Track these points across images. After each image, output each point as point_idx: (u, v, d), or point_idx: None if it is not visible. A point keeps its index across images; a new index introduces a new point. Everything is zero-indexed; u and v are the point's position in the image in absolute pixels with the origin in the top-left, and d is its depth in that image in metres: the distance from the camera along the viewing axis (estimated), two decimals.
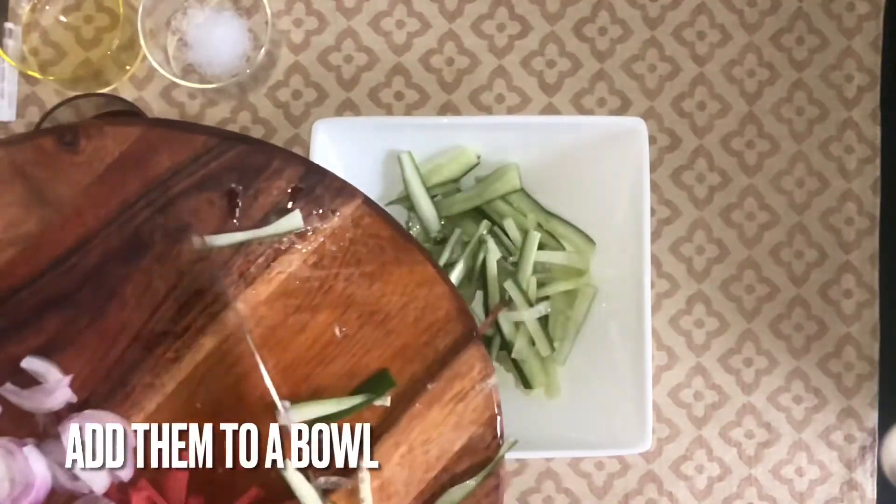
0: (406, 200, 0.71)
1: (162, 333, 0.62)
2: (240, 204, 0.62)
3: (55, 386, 0.60)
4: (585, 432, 0.69)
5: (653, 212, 0.75)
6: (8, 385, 0.60)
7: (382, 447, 0.62)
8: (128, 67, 0.75)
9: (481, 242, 0.70)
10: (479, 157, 0.71)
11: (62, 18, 0.76)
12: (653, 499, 0.75)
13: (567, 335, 0.72)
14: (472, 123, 0.71)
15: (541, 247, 0.71)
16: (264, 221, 0.62)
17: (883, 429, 0.76)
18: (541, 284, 0.71)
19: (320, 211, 0.62)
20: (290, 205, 0.62)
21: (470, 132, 0.70)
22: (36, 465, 0.59)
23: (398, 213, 0.72)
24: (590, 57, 0.77)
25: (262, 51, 0.71)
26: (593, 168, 0.70)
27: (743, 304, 0.76)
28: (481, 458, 0.63)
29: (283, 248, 0.62)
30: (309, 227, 0.62)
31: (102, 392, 0.61)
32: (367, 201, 0.62)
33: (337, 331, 0.63)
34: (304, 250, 0.62)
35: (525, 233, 0.71)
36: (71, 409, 0.61)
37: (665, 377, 0.76)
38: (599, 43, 0.77)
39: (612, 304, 0.70)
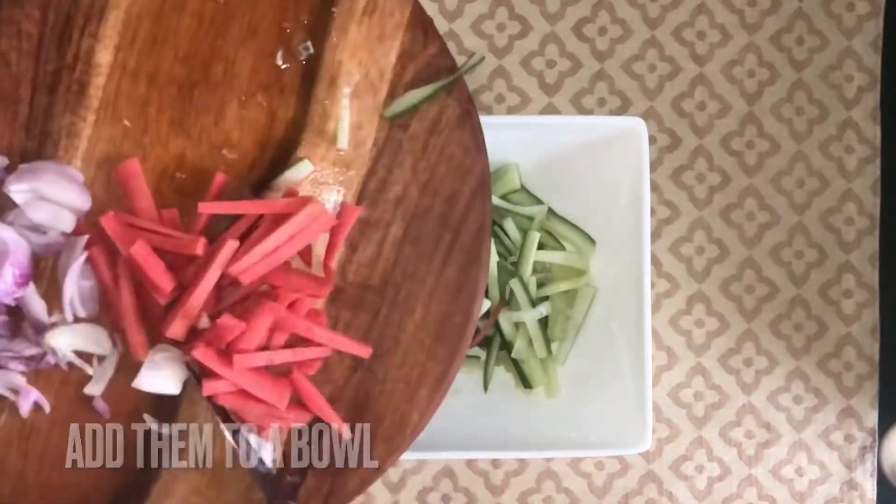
0: None
1: (56, 72, 0.62)
2: None
3: None
4: (585, 432, 0.69)
5: (653, 212, 0.75)
6: None
7: (320, 89, 0.62)
8: None
9: None
10: None
11: None
12: (653, 499, 0.75)
13: (567, 335, 0.72)
14: None
15: (541, 246, 0.71)
16: None
17: (883, 429, 0.76)
18: (541, 284, 0.71)
19: None
20: None
21: None
22: (4, 233, 0.59)
23: None
24: (590, 57, 0.77)
25: None
26: (593, 168, 0.70)
27: (743, 304, 0.76)
28: (425, 61, 0.63)
29: None
30: None
31: (32, 149, 0.62)
32: None
33: None
34: None
35: (525, 232, 0.71)
36: (10, 173, 0.61)
37: (665, 377, 0.76)
38: (599, 43, 0.77)
39: (612, 304, 0.70)
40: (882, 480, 0.75)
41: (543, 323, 0.71)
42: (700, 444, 0.76)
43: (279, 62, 0.63)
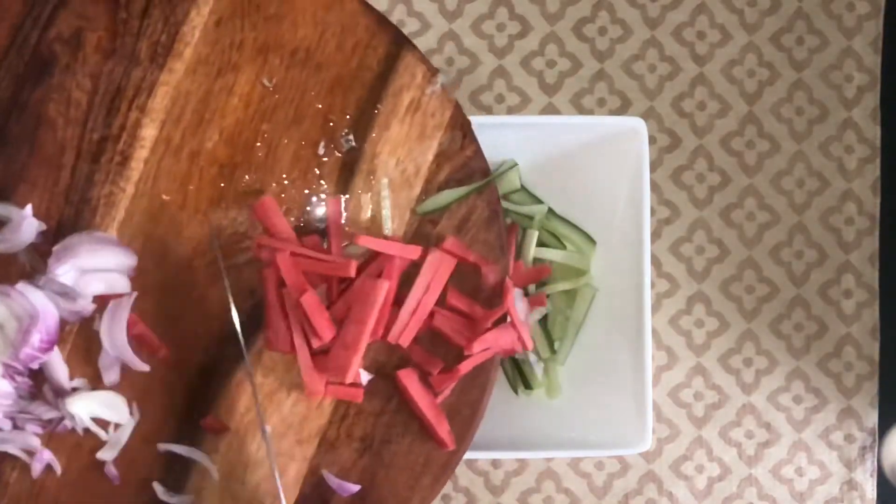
0: None
1: (101, 141, 0.62)
2: None
3: (20, 220, 0.61)
4: (585, 432, 0.69)
5: (653, 212, 0.75)
6: None
7: (357, 181, 0.63)
8: None
9: None
10: None
11: None
12: (653, 499, 0.75)
13: (567, 335, 0.72)
14: (473, 123, 0.71)
15: (542, 245, 0.71)
16: (150, 5, 0.63)
17: (883, 429, 0.76)
18: (541, 284, 0.71)
19: None
20: None
21: None
22: (34, 298, 0.59)
23: None
24: (590, 57, 0.77)
25: None
26: (593, 168, 0.70)
27: (743, 304, 0.76)
28: (461, 161, 0.64)
29: (179, 19, 0.63)
30: None
31: (69, 216, 0.62)
32: None
33: (265, 82, 0.63)
34: (200, 15, 0.63)
35: (524, 231, 0.71)
36: (46, 239, 0.61)
37: (665, 377, 0.76)
38: (599, 43, 0.77)
39: (612, 304, 0.70)
40: (882, 480, 0.75)
41: (543, 322, 0.71)
42: (700, 444, 0.76)
43: (321, 151, 0.63)
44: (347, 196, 0.63)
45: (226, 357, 0.62)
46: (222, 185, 0.63)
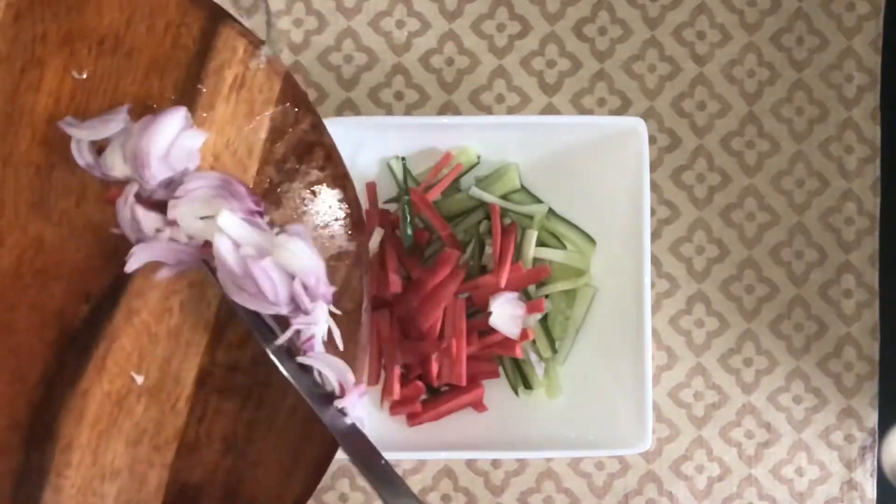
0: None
1: None
2: None
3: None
4: (585, 432, 0.69)
5: (653, 212, 0.75)
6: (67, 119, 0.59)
7: None
8: None
9: (481, 243, 0.70)
10: (479, 157, 0.71)
11: None
12: (653, 499, 0.75)
13: (567, 335, 0.72)
14: (472, 123, 0.71)
15: (541, 245, 0.71)
16: None
17: (883, 429, 0.76)
18: (541, 284, 0.71)
19: None
20: None
21: (470, 132, 0.70)
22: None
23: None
24: (590, 57, 0.77)
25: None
26: (593, 168, 0.70)
27: (743, 304, 0.76)
28: (297, 137, 0.61)
29: None
30: None
31: None
32: None
33: (76, 74, 0.60)
34: None
35: (524, 231, 0.71)
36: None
37: (665, 377, 0.76)
38: (599, 43, 0.77)
39: (612, 304, 0.70)
40: (882, 480, 0.75)
41: (543, 322, 0.71)
42: (700, 444, 0.76)
43: None
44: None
45: (67, 365, 0.59)
46: (42, 187, 0.59)
